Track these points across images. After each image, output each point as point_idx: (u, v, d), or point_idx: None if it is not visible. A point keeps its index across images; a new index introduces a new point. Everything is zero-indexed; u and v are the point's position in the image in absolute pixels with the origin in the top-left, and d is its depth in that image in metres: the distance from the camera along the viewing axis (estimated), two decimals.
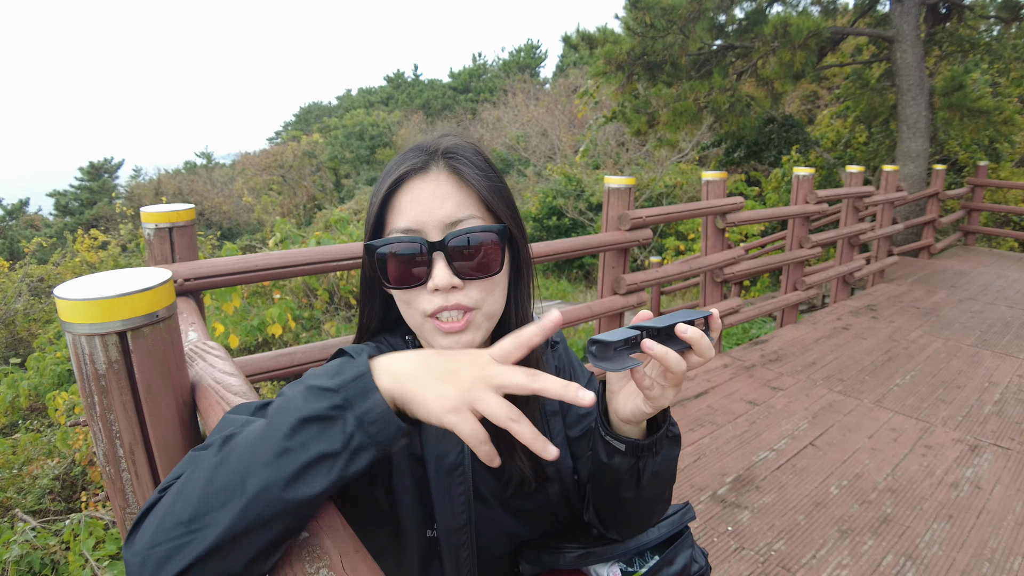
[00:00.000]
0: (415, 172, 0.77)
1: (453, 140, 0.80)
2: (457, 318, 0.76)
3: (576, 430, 0.96)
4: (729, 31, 8.22)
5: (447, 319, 0.76)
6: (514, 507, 0.90)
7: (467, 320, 0.76)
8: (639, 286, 3.36)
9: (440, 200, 0.75)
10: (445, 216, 0.75)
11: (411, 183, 0.77)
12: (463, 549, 0.83)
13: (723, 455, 2.88)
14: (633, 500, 0.81)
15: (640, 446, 0.76)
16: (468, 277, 0.75)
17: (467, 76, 32.82)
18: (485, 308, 0.78)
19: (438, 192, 0.76)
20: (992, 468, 2.82)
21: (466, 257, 0.75)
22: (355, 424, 0.56)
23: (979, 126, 7.63)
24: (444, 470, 0.82)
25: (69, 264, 8.49)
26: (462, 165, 0.77)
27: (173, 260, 1.86)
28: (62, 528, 3.03)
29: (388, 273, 0.76)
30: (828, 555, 2.21)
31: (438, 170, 0.77)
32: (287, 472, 0.54)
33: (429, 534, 0.83)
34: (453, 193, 0.76)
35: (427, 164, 0.77)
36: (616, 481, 0.79)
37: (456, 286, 0.75)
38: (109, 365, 0.90)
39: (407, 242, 0.75)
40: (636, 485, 0.79)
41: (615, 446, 0.77)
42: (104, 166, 23.99)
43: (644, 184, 12.62)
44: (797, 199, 4.78)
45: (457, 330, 0.76)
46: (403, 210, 0.76)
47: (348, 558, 0.62)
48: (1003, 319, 5.12)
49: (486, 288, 0.77)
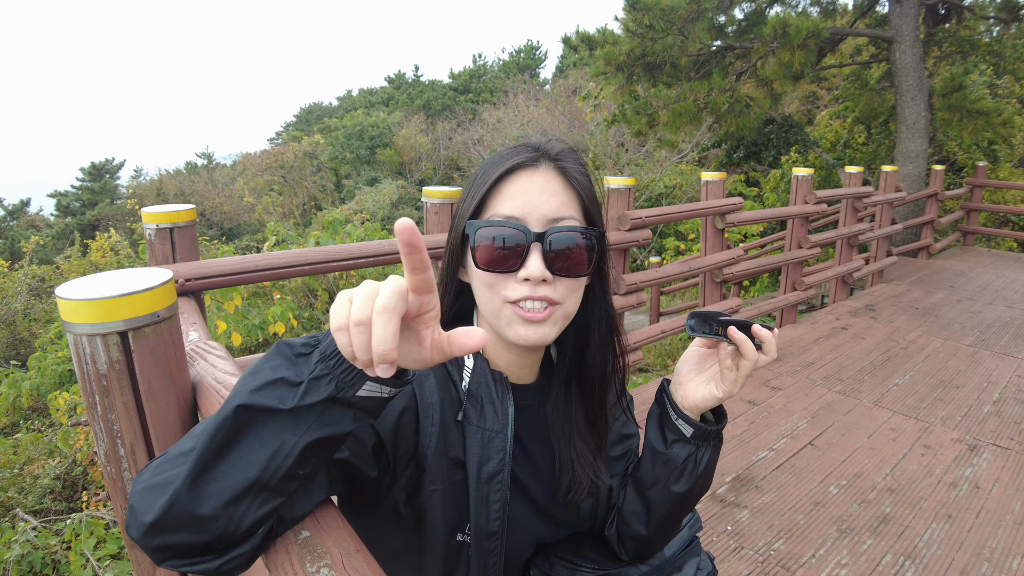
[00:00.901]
0: (526, 165, 0.79)
1: (563, 145, 0.83)
2: (540, 309, 0.77)
3: (617, 449, 0.98)
4: (728, 32, 8.22)
5: (530, 309, 0.77)
6: (550, 513, 0.92)
7: (549, 312, 0.78)
8: (639, 286, 3.37)
9: (547, 196, 0.78)
10: (549, 211, 0.78)
11: (520, 174, 0.79)
12: (492, 555, 0.84)
13: (722, 455, 2.89)
14: (681, 496, 0.86)
15: (707, 431, 0.84)
16: (558, 273, 0.77)
17: (467, 77, 32.81)
18: (566, 306, 0.80)
19: (546, 188, 0.78)
20: (991, 468, 2.82)
21: (561, 254, 0.77)
22: (318, 356, 0.57)
23: (978, 127, 7.63)
24: (485, 476, 0.82)
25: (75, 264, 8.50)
26: (570, 168, 0.80)
27: (174, 260, 1.87)
28: (63, 528, 3.03)
29: (481, 253, 0.78)
30: (827, 554, 2.21)
31: (547, 168, 0.80)
32: (250, 386, 0.57)
33: (460, 538, 0.83)
34: (560, 192, 0.79)
35: (538, 160, 0.80)
36: (669, 472, 0.86)
37: (547, 279, 0.76)
38: (110, 365, 0.90)
39: (510, 227, 0.77)
40: (689, 476, 0.85)
41: (682, 430, 0.85)
42: (105, 166, 23.99)
43: (644, 185, 12.63)
44: (796, 199, 4.78)
45: (539, 320, 0.77)
46: (509, 197, 0.78)
47: (349, 557, 0.62)
48: (1002, 319, 5.12)
49: (572, 287, 0.79)
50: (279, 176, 22.38)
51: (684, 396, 0.85)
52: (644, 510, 0.90)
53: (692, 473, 0.86)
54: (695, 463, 0.85)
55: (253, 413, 0.56)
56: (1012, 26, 8.47)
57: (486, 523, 0.82)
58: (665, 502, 0.88)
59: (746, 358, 0.79)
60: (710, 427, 0.85)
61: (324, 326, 6.13)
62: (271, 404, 0.56)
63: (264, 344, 5.75)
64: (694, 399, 0.84)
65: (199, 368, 1.11)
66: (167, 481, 0.56)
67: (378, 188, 18.81)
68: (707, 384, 0.84)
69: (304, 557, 0.62)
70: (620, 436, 0.99)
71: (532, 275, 0.75)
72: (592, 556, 0.95)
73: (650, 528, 0.90)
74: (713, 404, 0.83)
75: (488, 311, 0.81)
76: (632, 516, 0.91)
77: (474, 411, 0.82)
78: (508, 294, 0.78)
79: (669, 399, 0.87)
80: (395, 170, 22.51)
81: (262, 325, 4.68)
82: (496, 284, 0.78)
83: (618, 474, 0.97)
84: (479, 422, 0.82)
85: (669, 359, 6.20)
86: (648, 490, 0.88)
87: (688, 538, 0.99)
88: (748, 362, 0.79)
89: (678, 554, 0.96)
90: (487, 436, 0.82)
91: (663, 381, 0.91)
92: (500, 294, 0.78)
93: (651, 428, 0.90)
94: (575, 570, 0.92)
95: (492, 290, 0.79)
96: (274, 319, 4.63)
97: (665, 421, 0.87)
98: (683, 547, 0.97)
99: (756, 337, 0.79)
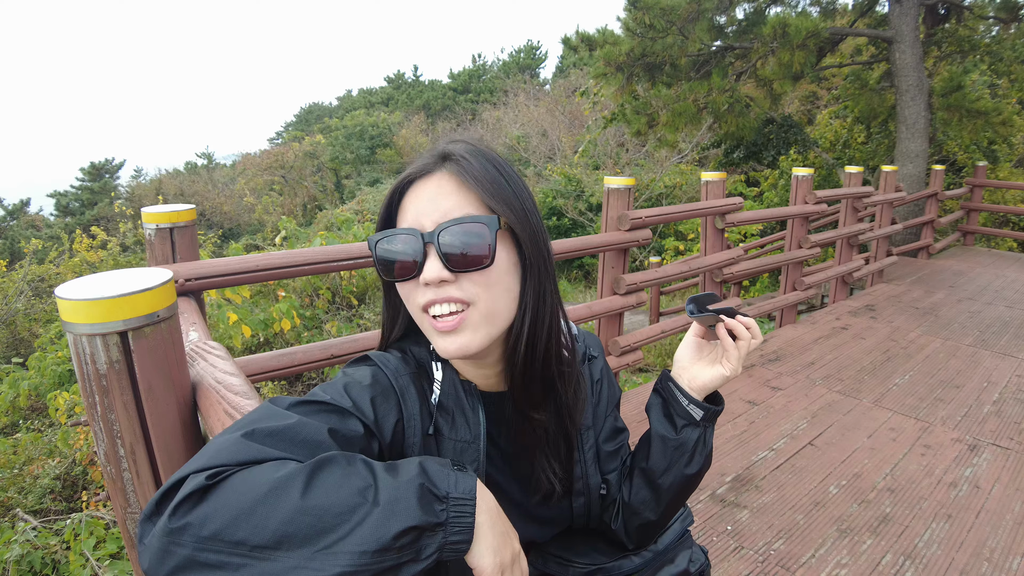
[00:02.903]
0: (420, 175, 0.79)
1: (461, 144, 0.81)
2: (450, 317, 0.76)
3: (611, 444, 0.98)
4: (728, 32, 8.22)
5: (440, 318, 0.76)
6: (536, 515, 0.92)
7: (460, 319, 0.75)
8: (639, 286, 3.37)
9: (439, 199, 0.77)
10: (442, 214, 0.76)
11: (415, 186, 0.79)
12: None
13: (722, 455, 2.89)
14: (692, 477, 0.91)
15: (716, 411, 0.91)
16: (459, 270, 0.75)
17: (467, 77, 32.80)
18: (481, 306, 0.76)
19: (439, 192, 0.77)
20: (991, 468, 2.82)
21: (457, 250, 0.74)
22: (438, 546, 0.61)
23: (978, 127, 7.64)
24: None
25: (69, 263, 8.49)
26: (465, 166, 0.78)
27: (174, 260, 1.87)
28: (63, 528, 3.03)
29: (383, 267, 0.79)
30: (827, 554, 2.21)
31: (441, 172, 0.78)
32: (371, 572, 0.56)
33: None
34: (453, 192, 0.77)
35: (432, 167, 0.79)
36: (681, 456, 0.90)
37: (446, 279, 0.74)
38: (110, 365, 0.90)
39: (402, 235, 0.77)
40: (699, 456, 0.90)
41: (692, 414, 0.90)
42: (105, 166, 23.99)
43: (644, 185, 12.63)
44: (796, 199, 4.78)
45: (450, 329, 0.75)
46: (405, 211, 0.79)
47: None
48: (1002, 319, 5.12)
49: (481, 283, 0.76)
50: (279, 176, 22.39)
51: (692, 378, 0.91)
52: (654, 497, 0.93)
53: (702, 453, 0.91)
54: (704, 443, 0.91)
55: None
56: (1011, 26, 8.47)
57: None
58: (676, 485, 0.91)
59: (741, 339, 0.88)
60: (718, 407, 0.92)
61: (325, 325, 6.14)
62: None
63: (265, 344, 5.75)
64: (702, 379, 0.90)
65: (199, 368, 1.11)
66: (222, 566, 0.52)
67: (379, 188, 18.83)
68: (712, 365, 0.91)
69: None
70: (614, 431, 0.99)
71: (428, 278, 0.74)
72: (584, 551, 0.96)
73: (659, 513, 0.93)
74: (721, 382, 0.90)
75: (419, 323, 0.81)
76: (641, 505, 0.93)
77: (445, 423, 0.83)
78: (419, 300, 0.77)
79: (677, 386, 0.91)
80: (395, 170, 22.52)
81: (266, 321, 4.70)
82: (408, 294, 0.79)
83: (615, 469, 0.98)
84: (451, 434, 0.83)
85: (669, 359, 6.20)
86: (660, 477, 0.91)
87: (680, 531, 1.01)
88: (744, 342, 0.89)
89: (670, 547, 0.98)
90: (460, 447, 0.82)
91: (664, 372, 0.95)
92: (414, 303, 0.78)
93: (656, 418, 0.93)
94: (568, 566, 0.93)
95: (409, 301, 0.80)
96: (279, 316, 4.65)
97: (674, 408, 0.91)
98: (675, 540, 0.99)
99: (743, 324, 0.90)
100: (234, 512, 0.54)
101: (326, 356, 2.13)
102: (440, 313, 0.76)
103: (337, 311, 6.64)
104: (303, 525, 0.54)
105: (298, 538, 0.54)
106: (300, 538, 0.54)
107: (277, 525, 0.53)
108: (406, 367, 0.83)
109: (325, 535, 0.54)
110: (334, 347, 2.16)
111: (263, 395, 4.80)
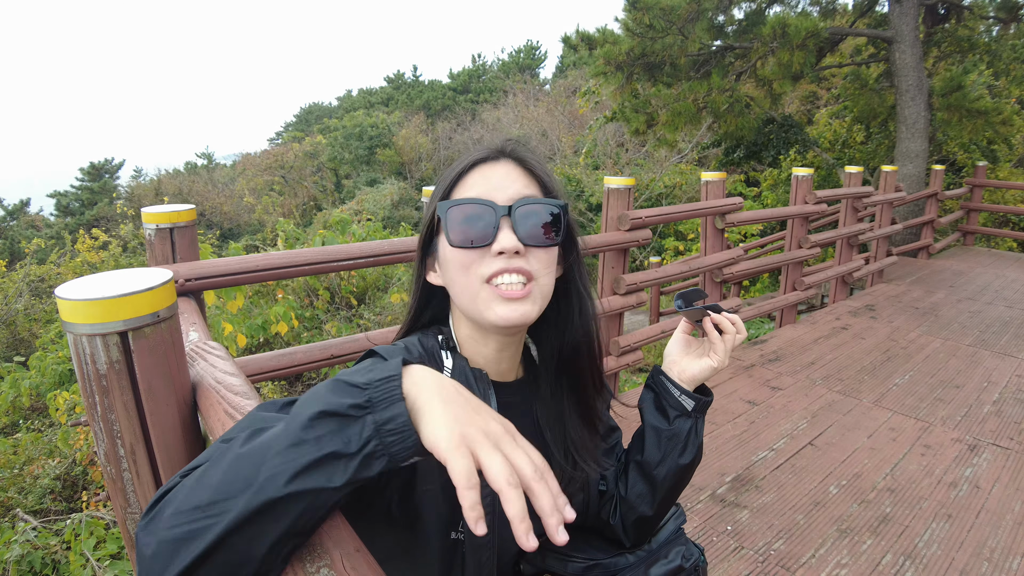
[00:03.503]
0: (487, 160, 0.84)
1: (516, 143, 0.88)
2: (518, 285, 0.78)
3: (608, 441, 1.02)
4: (728, 32, 8.22)
5: (507, 286, 0.78)
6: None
7: (528, 290, 0.79)
8: (638, 286, 3.37)
9: (509, 181, 0.82)
10: (513, 193, 0.81)
11: (482, 166, 0.84)
12: (485, 550, 0.85)
13: (722, 455, 2.89)
14: (686, 467, 0.95)
15: (706, 402, 0.95)
16: (531, 244, 0.79)
17: (467, 77, 32.79)
18: (542, 281, 0.81)
19: (508, 176, 0.83)
20: (991, 467, 2.82)
21: (530, 226, 0.79)
22: (373, 429, 0.55)
23: (978, 127, 7.63)
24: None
25: (70, 264, 8.48)
26: (528, 158, 0.85)
27: (174, 260, 1.87)
28: (63, 528, 3.03)
29: (454, 231, 0.79)
30: (827, 554, 2.21)
31: (506, 159, 0.85)
32: (297, 465, 0.53)
33: (454, 536, 0.83)
34: (520, 178, 0.83)
35: (497, 155, 0.85)
36: (674, 446, 0.94)
37: (519, 251, 0.78)
38: (110, 365, 0.90)
39: (478, 204, 0.79)
40: (692, 446, 0.94)
41: (684, 405, 0.94)
42: (105, 166, 23.98)
43: (644, 184, 12.63)
44: (796, 199, 4.78)
45: (518, 297, 0.78)
46: (473, 185, 0.82)
47: (349, 557, 0.62)
48: (1002, 319, 5.12)
49: (544, 261, 0.81)
50: (279, 176, 22.38)
51: (682, 370, 0.96)
52: (650, 490, 0.95)
53: (694, 443, 0.95)
54: (695, 433, 0.95)
55: (300, 495, 0.53)
56: (1011, 26, 8.48)
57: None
58: (671, 475, 0.94)
59: (727, 332, 0.93)
60: (708, 398, 0.96)
61: (325, 325, 6.13)
62: (319, 485, 0.53)
63: (265, 345, 5.75)
64: (692, 371, 0.95)
65: (199, 368, 1.11)
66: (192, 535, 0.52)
67: (378, 188, 18.83)
68: (700, 358, 0.96)
69: (304, 557, 0.62)
70: (608, 429, 1.03)
71: (505, 247, 0.77)
72: (582, 546, 0.97)
73: (655, 506, 0.96)
74: (709, 374, 0.94)
75: (466, 298, 0.81)
76: (638, 499, 0.96)
77: None
78: (483, 271, 0.79)
79: (668, 379, 0.96)
80: (395, 170, 22.52)
81: (264, 325, 4.68)
82: (471, 264, 0.80)
83: (611, 466, 1.01)
84: None
85: None
86: (655, 469, 0.94)
87: (674, 530, 1.03)
88: (730, 336, 0.94)
89: (664, 544, 1.00)
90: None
91: (654, 369, 1.00)
92: (476, 273, 0.79)
93: (648, 411, 0.97)
94: (566, 561, 0.95)
95: (467, 271, 0.80)
96: (276, 319, 4.63)
97: (666, 399, 0.95)
98: (668, 538, 1.01)
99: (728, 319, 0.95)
100: (190, 487, 0.55)
101: (326, 356, 2.13)
102: (509, 282, 0.78)
103: (337, 311, 6.64)
104: (242, 467, 0.54)
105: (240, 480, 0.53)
106: (242, 479, 0.53)
107: (220, 476, 0.54)
108: (411, 355, 0.83)
109: (262, 468, 0.53)
110: (334, 347, 2.16)
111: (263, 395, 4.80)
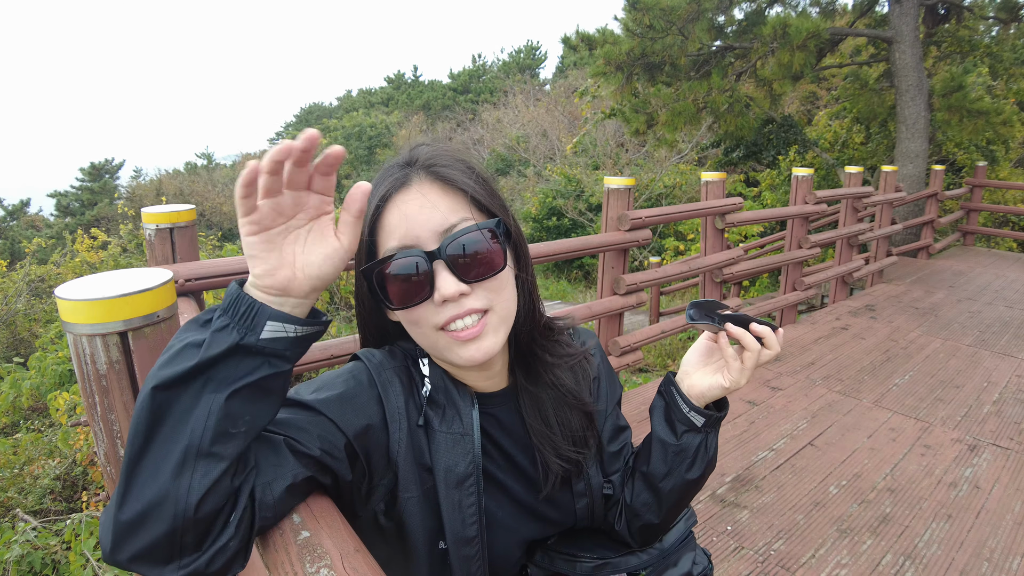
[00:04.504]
0: (396, 188, 0.74)
1: (428, 148, 0.78)
2: (472, 324, 0.73)
3: (614, 444, 0.97)
4: (728, 32, 8.23)
5: (462, 328, 0.73)
6: (539, 513, 0.91)
7: (483, 324, 0.74)
8: (638, 286, 3.37)
9: (429, 210, 0.73)
10: (438, 224, 0.72)
11: (395, 200, 0.74)
12: (474, 561, 0.82)
13: (722, 455, 2.89)
14: (694, 482, 0.88)
15: (716, 418, 0.86)
16: (474, 280, 0.72)
17: (467, 77, 32.80)
18: (498, 309, 0.76)
19: (425, 202, 0.73)
20: (991, 468, 2.82)
21: (468, 260, 0.72)
22: (219, 311, 0.60)
23: (978, 127, 7.63)
24: (453, 481, 0.80)
25: (69, 264, 8.48)
26: (443, 169, 0.75)
27: (174, 260, 1.87)
28: (63, 528, 3.03)
29: (390, 295, 0.73)
30: (827, 554, 2.21)
31: (420, 180, 0.74)
32: (162, 361, 0.58)
33: (442, 545, 0.81)
34: (441, 199, 0.74)
35: (408, 177, 0.74)
36: (682, 461, 0.87)
37: (464, 292, 0.72)
38: (110, 365, 0.90)
39: (404, 258, 0.71)
40: (701, 461, 0.87)
41: (693, 421, 0.86)
42: (105, 167, 23.98)
43: (643, 185, 12.63)
44: (796, 199, 4.78)
45: (475, 336, 0.73)
46: (393, 228, 0.73)
47: (348, 557, 0.62)
48: (1001, 319, 5.12)
49: (494, 288, 0.75)
50: None
51: (691, 385, 0.86)
52: (655, 500, 0.90)
53: (703, 459, 0.87)
54: (705, 449, 0.87)
55: (168, 386, 0.57)
56: (1011, 26, 8.48)
57: (462, 528, 0.80)
58: (678, 489, 0.89)
59: (748, 349, 0.81)
60: (720, 415, 0.87)
61: None
62: (180, 369, 0.57)
63: None
64: (700, 388, 0.85)
65: None
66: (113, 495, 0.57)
67: None
68: (713, 374, 0.85)
69: (304, 557, 0.62)
70: (616, 430, 0.98)
71: (447, 294, 0.71)
72: (590, 546, 0.95)
73: (661, 515, 0.91)
74: (719, 394, 0.84)
75: (427, 345, 0.78)
76: (643, 507, 0.91)
77: (436, 416, 0.81)
78: (436, 320, 0.73)
79: (678, 391, 0.87)
80: None
81: None
82: (420, 317, 0.74)
83: (618, 470, 0.97)
84: (441, 426, 0.80)
85: (669, 359, 6.20)
86: (661, 482, 0.89)
87: (684, 531, 0.99)
88: (751, 354, 0.81)
89: (674, 546, 0.97)
90: (451, 440, 0.80)
91: (668, 375, 0.91)
92: (429, 324, 0.74)
93: (657, 422, 0.90)
94: (575, 562, 0.92)
95: (419, 325, 0.75)
96: None
97: (675, 413, 0.87)
98: (679, 540, 0.98)
99: (754, 333, 0.81)
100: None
101: (325, 356, 2.13)
102: (463, 325, 0.73)
103: (336, 311, 6.64)
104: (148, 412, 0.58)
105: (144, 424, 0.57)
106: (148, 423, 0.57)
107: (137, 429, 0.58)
108: (392, 360, 0.82)
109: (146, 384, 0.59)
110: (333, 347, 2.16)
111: None
